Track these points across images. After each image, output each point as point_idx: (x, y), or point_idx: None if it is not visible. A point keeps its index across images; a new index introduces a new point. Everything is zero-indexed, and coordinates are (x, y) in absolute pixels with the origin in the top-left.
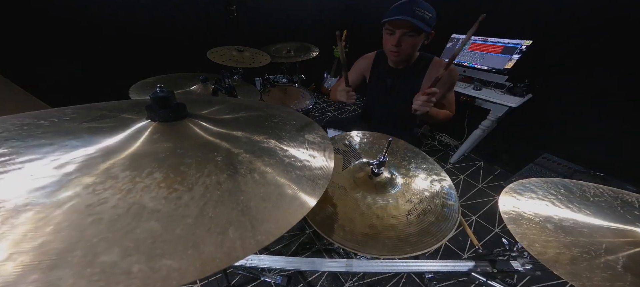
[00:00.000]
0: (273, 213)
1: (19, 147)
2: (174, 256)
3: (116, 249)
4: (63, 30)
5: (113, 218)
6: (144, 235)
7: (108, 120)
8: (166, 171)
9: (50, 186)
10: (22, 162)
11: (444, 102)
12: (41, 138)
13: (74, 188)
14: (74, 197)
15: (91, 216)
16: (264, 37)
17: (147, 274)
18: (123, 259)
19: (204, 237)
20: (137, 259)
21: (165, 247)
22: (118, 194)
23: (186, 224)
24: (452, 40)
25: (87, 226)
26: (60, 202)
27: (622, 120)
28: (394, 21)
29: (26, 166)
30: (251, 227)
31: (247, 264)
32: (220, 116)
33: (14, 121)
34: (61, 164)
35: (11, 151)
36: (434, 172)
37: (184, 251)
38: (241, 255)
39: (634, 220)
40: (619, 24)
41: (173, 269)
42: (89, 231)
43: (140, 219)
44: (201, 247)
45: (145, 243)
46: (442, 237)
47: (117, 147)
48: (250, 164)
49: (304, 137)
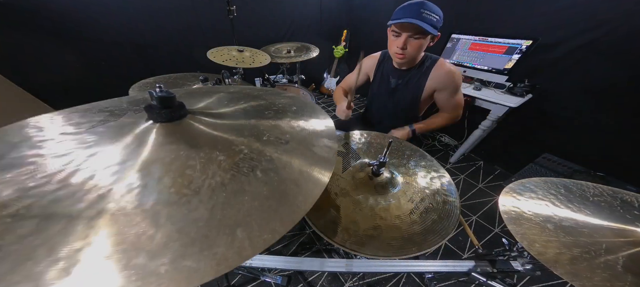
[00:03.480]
0: (277, 210)
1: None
2: (192, 258)
3: (143, 253)
4: (63, 30)
5: (139, 227)
6: (165, 239)
7: (111, 122)
8: (173, 175)
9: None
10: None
11: (445, 106)
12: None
13: (114, 203)
14: (104, 212)
15: (132, 227)
16: (264, 37)
17: (172, 275)
18: (151, 261)
19: (216, 239)
20: (162, 261)
21: (183, 250)
22: (135, 203)
23: (198, 227)
24: (452, 40)
25: (123, 231)
26: (91, 215)
27: (622, 120)
28: (401, 24)
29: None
30: (257, 227)
31: (247, 264)
32: (220, 110)
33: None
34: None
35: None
36: (433, 169)
37: (200, 253)
38: (250, 254)
39: (633, 220)
40: (619, 24)
41: (193, 269)
42: (129, 239)
43: (158, 224)
44: (214, 248)
45: (167, 247)
46: (446, 235)
47: (129, 155)
48: (252, 160)
49: (306, 121)
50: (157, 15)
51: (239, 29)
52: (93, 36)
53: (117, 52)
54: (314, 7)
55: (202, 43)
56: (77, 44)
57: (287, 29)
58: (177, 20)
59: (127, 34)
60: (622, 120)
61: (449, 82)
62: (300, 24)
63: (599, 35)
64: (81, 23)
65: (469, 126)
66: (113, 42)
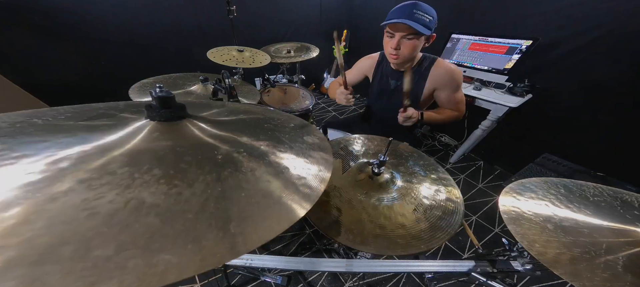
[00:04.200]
0: (275, 209)
1: (12, 144)
2: (173, 251)
3: (111, 244)
4: (63, 30)
5: (110, 213)
6: (142, 230)
7: (105, 119)
8: (166, 168)
9: (43, 181)
10: (15, 157)
11: (446, 103)
12: (34, 135)
13: (68, 183)
14: (68, 192)
15: (86, 210)
16: (264, 37)
17: (142, 269)
18: (118, 253)
19: (205, 233)
20: (133, 253)
21: (164, 242)
22: (116, 190)
23: (187, 219)
24: (452, 40)
25: (81, 220)
26: (53, 197)
27: (622, 120)
28: (393, 24)
29: (19, 162)
30: (253, 223)
31: (247, 264)
32: (219, 118)
33: (5, 119)
34: (55, 160)
35: (3, 147)
36: (431, 168)
37: (183, 246)
38: (243, 250)
39: (633, 220)
40: (619, 24)
41: (171, 263)
42: (84, 226)
43: (138, 213)
44: (202, 242)
45: (143, 238)
46: (452, 231)
47: (115, 144)
48: (250, 163)
49: (302, 138)
50: (157, 15)
51: (239, 29)
52: (93, 36)
53: (117, 52)
54: (314, 7)
55: (202, 43)
56: (77, 44)
57: (287, 29)
58: (177, 20)
59: (127, 34)
60: (622, 120)
61: (449, 80)
62: (300, 24)
63: (599, 35)
64: (81, 23)
65: (469, 126)
66: (113, 42)
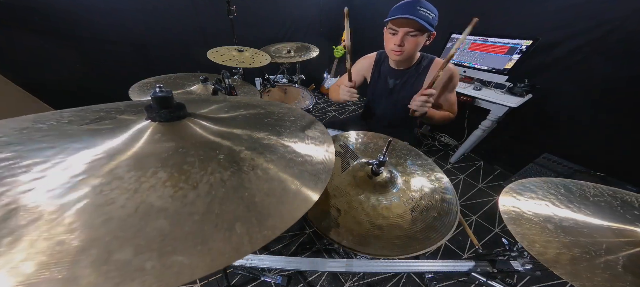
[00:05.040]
0: (278, 208)
1: (22, 151)
2: (184, 252)
3: (129, 247)
4: (63, 30)
5: (122, 218)
6: (154, 233)
7: (108, 121)
8: (170, 170)
9: (58, 187)
10: (27, 165)
11: (442, 103)
12: (42, 141)
13: (82, 189)
14: (82, 198)
15: (101, 216)
16: (264, 37)
17: (160, 270)
18: (136, 256)
19: (212, 233)
20: (149, 256)
21: (175, 244)
22: (125, 194)
23: (194, 221)
24: (452, 40)
25: (98, 225)
26: (70, 204)
27: (622, 120)
28: (398, 20)
29: (33, 169)
30: (257, 222)
31: (247, 264)
32: (220, 115)
33: (12, 125)
34: (67, 166)
35: (14, 154)
36: (428, 167)
37: (193, 247)
38: (249, 249)
39: (633, 220)
40: (619, 24)
41: (184, 264)
42: (101, 231)
43: (148, 218)
44: (210, 243)
45: (156, 241)
46: (446, 232)
47: (120, 149)
48: (252, 160)
49: (304, 132)
50: (157, 15)
51: (239, 29)
52: (93, 36)
53: (117, 52)
54: (314, 7)
55: (202, 43)
56: (78, 44)
57: (287, 29)
58: (177, 20)
59: (127, 34)
60: (622, 120)
61: (448, 80)
62: (300, 24)
63: (599, 35)
64: (81, 23)
65: (468, 126)
66: (113, 42)
